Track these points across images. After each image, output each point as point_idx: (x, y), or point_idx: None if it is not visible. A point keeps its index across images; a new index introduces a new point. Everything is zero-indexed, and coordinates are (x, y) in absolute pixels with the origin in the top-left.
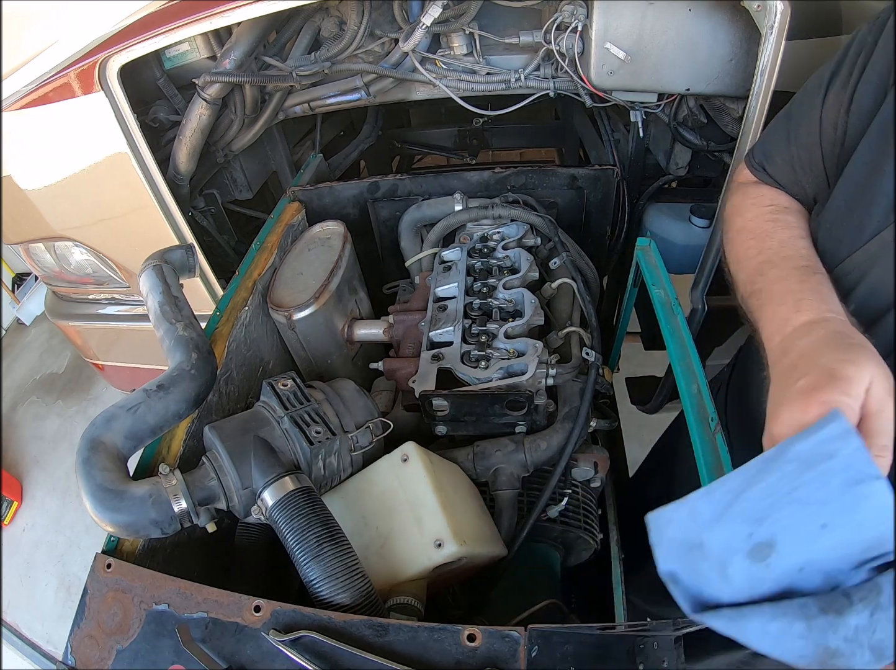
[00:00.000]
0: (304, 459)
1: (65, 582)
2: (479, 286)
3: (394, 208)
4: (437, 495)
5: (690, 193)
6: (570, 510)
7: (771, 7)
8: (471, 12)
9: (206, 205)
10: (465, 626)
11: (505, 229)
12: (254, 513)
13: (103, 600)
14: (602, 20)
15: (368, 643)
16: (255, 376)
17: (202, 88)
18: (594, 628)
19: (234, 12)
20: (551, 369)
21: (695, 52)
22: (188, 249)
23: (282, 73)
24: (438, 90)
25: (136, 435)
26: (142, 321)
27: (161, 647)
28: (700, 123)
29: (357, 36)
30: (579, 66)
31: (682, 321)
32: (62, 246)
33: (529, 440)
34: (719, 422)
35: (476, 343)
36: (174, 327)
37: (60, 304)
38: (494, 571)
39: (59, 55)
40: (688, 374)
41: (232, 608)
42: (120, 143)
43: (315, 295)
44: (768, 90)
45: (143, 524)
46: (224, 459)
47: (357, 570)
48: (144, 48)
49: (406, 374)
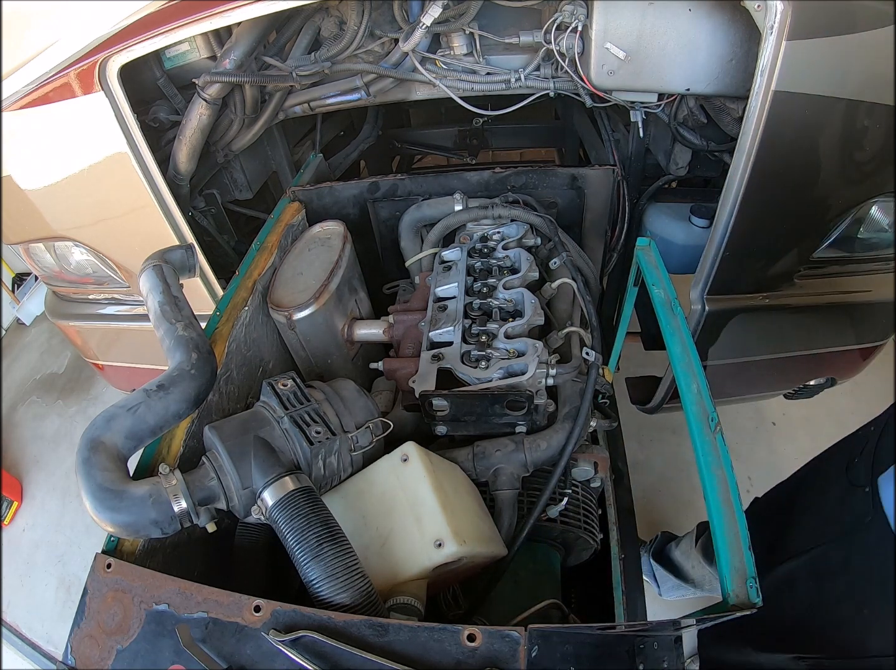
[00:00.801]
0: (304, 459)
1: (65, 582)
2: (479, 286)
3: (394, 208)
4: (437, 495)
5: (690, 193)
6: (570, 510)
7: (771, 7)
8: (471, 12)
9: (206, 205)
10: (465, 626)
11: (505, 229)
12: (254, 513)
13: (103, 600)
14: (602, 20)
15: (368, 643)
16: (255, 376)
17: (202, 88)
18: (594, 628)
19: (234, 12)
20: (551, 369)
21: (695, 52)
22: (188, 249)
23: (282, 73)
24: (438, 90)
25: (136, 435)
26: (142, 321)
27: (161, 647)
28: (700, 123)
29: (357, 36)
30: (579, 66)
31: (682, 321)
32: (62, 246)
33: (529, 440)
34: (718, 421)
35: (476, 343)
36: (174, 327)
37: (60, 304)
38: (494, 571)
39: (59, 55)
40: (688, 374)
41: (232, 608)
42: (120, 143)
43: (315, 295)
44: (768, 90)
45: (143, 524)
46: (224, 459)
47: (357, 570)
48: (144, 48)
49: (406, 374)
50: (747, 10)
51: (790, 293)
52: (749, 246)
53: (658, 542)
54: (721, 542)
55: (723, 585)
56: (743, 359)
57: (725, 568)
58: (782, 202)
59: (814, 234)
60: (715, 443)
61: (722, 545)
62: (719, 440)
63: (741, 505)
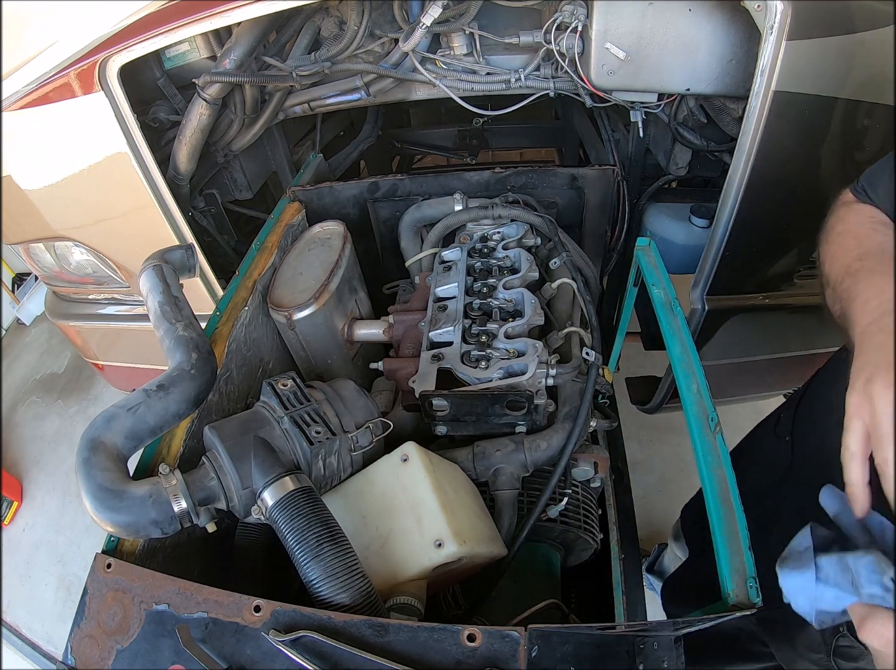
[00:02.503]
0: (304, 459)
1: (65, 582)
2: (479, 286)
3: (394, 208)
4: (437, 495)
5: (690, 193)
6: (570, 510)
7: (771, 7)
8: (471, 12)
9: (206, 205)
10: (465, 626)
11: (505, 229)
12: (254, 513)
13: (103, 600)
14: (602, 20)
15: (368, 643)
16: (255, 376)
17: (202, 88)
18: (594, 628)
19: (234, 12)
20: (551, 369)
21: (695, 52)
22: (188, 249)
23: (282, 73)
24: (438, 90)
25: (136, 435)
26: (142, 321)
27: (161, 647)
28: (700, 123)
29: (357, 36)
30: (579, 66)
31: (682, 321)
32: (62, 246)
33: (529, 440)
34: (718, 421)
35: (476, 343)
36: (174, 327)
37: (60, 304)
38: (494, 571)
39: (59, 55)
40: (688, 374)
41: (232, 608)
42: (120, 143)
43: (315, 295)
44: (768, 90)
45: (143, 524)
46: (224, 459)
47: (357, 570)
48: (144, 48)
49: (406, 374)
50: (747, 10)
51: (790, 293)
52: (749, 246)
53: (653, 556)
54: (721, 542)
55: (723, 585)
56: (743, 359)
57: (725, 569)
58: (782, 202)
59: (814, 234)
60: (715, 443)
61: (722, 545)
62: (719, 440)
63: (741, 505)
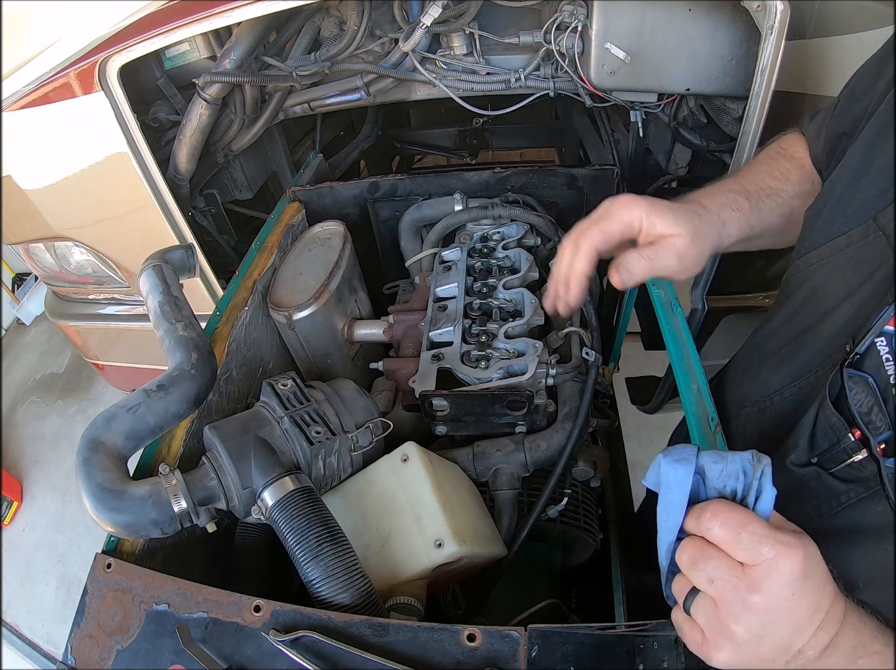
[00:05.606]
0: (304, 459)
1: (65, 582)
2: (479, 286)
3: (394, 208)
4: (437, 495)
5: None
6: (570, 510)
7: (771, 7)
8: (471, 12)
9: (206, 205)
10: (465, 626)
11: (505, 229)
12: (254, 513)
13: (103, 600)
14: (602, 20)
15: (368, 643)
16: (255, 376)
17: (202, 88)
18: (594, 628)
19: (234, 12)
20: (551, 369)
21: (695, 52)
22: (188, 249)
23: (282, 73)
24: (438, 90)
25: (136, 435)
26: (142, 321)
27: (161, 647)
28: (700, 123)
29: (357, 36)
30: (579, 66)
31: (682, 321)
32: (62, 246)
33: (529, 440)
34: (719, 421)
35: (476, 343)
36: (174, 327)
37: (60, 304)
38: (494, 571)
39: (59, 55)
40: (688, 374)
41: (232, 608)
42: (120, 143)
43: (315, 295)
44: (768, 90)
45: (143, 524)
46: (224, 459)
47: (357, 570)
48: (144, 48)
49: (406, 374)
50: (747, 10)
51: None
52: None
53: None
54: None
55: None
56: None
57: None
58: None
59: None
60: (715, 443)
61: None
62: (719, 440)
63: None
